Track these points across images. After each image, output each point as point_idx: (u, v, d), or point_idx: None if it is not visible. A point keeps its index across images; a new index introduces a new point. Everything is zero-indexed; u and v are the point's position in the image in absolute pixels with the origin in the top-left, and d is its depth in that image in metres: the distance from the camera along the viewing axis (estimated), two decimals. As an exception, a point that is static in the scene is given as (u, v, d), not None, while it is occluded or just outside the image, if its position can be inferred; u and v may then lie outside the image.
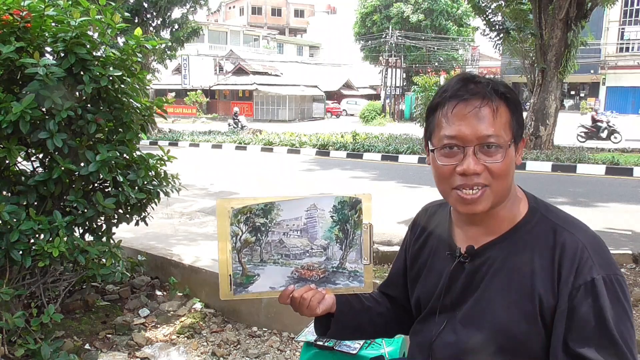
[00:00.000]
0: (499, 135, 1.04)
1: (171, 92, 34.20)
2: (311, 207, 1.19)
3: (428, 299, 1.21)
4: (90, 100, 2.61)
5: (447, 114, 1.06)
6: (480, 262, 1.12)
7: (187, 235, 5.50)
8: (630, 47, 37.91)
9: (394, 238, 5.21)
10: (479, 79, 1.08)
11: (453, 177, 1.06)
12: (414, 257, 1.30)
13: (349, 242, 1.20)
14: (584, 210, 7.06)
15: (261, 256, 1.19)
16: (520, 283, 1.05)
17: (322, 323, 1.30)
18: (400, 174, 10.82)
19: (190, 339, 3.10)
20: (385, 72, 35.80)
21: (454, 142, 1.05)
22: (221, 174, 10.66)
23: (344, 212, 1.19)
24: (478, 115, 1.03)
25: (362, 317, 1.31)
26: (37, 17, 2.39)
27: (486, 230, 1.13)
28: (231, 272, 1.19)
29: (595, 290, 0.98)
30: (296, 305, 1.20)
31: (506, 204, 1.11)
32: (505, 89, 1.08)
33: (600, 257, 1.02)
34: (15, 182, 2.51)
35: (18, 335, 2.48)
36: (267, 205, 1.18)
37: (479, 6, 14.53)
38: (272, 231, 1.18)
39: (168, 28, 19.93)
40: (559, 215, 1.11)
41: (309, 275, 1.21)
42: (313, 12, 64.31)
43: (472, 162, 1.03)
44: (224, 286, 1.20)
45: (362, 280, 1.22)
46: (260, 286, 1.20)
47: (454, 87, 1.07)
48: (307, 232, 1.19)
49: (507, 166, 1.04)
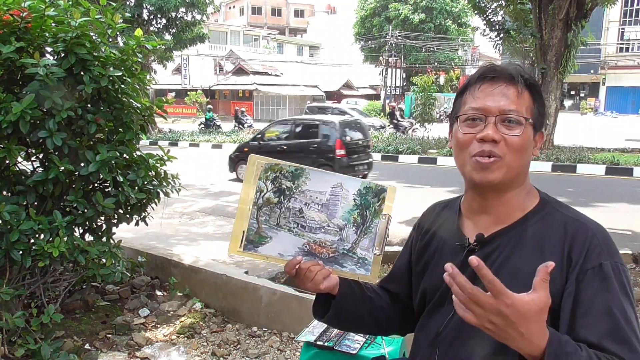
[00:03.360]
0: (520, 111, 1.09)
1: (171, 92, 34.16)
2: (337, 185, 1.20)
3: (435, 292, 1.21)
4: (90, 101, 2.61)
5: (474, 91, 1.13)
6: (490, 249, 1.13)
7: (187, 235, 5.50)
8: (630, 47, 37.94)
9: (394, 238, 5.21)
10: (507, 65, 1.15)
11: (472, 145, 1.11)
12: (420, 252, 1.30)
13: (365, 228, 1.21)
14: (584, 210, 6.99)
15: (278, 220, 1.19)
16: (528, 272, 1.06)
17: (322, 305, 1.29)
18: (400, 174, 10.82)
19: (190, 339, 3.10)
20: (385, 72, 35.81)
21: (477, 113, 1.11)
22: (221, 174, 10.66)
23: (367, 198, 1.21)
24: (503, 92, 1.10)
25: (363, 306, 1.31)
26: (37, 18, 2.39)
27: (497, 219, 1.15)
28: (245, 228, 1.18)
29: (603, 274, 1.00)
30: (301, 276, 1.19)
31: (519, 192, 1.14)
32: (531, 78, 1.14)
33: (609, 246, 1.05)
34: (15, 182, 2.51)
35: (18, 335, 2.48)
36: (298, 170, 1.19)
37: (479, 6, 14.53)
38: (295, 198, 1.19)
39: (172, 29, 19.98)
40: (570, 210, 1.14)
41: (319, 251, 1.21)
42: (313, 12, 64.29)
43: (492, 131, 1.08)
44: (235, 241, 1.19)
45: (369, 269, 1.23)
46: (270, 249, 1.20)
47: (483, 70, 1.15)
48: (327, 209, 1.20)
49: (523, 142, 1.09)
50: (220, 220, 6.28)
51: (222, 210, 6.95)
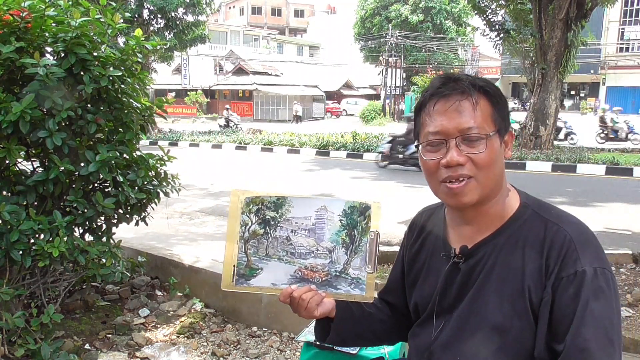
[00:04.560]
0: (481, 126, 1.06)
1: (171, 92, 34.17)
2: (321, 209, 1.20)
3: (426, 304, 1.21)
4: (90, 101, 2.61)
5: (429, 112, 1.10)
6: (474, 261, 1.12)
7: (187, 235, 5.49)
8: (630, 47, 37.92)
9: (393, 238, 5.20)
10: (458, 77, 1.11)
11: (439, 171, 1.08)
12: (410, 261, 1.30)
13: (354, 247, 1.21)
14: (584, 210, 7.05)
15: (267, 250, 1.20)
16: (512, 279, 1.06)
17: (323, 328, 1.30)
18: (401, 174, 10.81)
19: (190, 339, 3.10)
20: (385, 72, 35.80)
21: (437, 137, 1.08)
22: (221, 174, 10.66)
23: (352, 217, 1.20)
24: (458, 109, 1.06)
25: (362, 325, 1.30)
26: (37, 18, 2.39)
27: (479, 229, 1.13)
28: (235, 263, 1.20)
29: (577, 282, 0.98)
30: (295, 305, 1.19)
31: (497, 200, 1.12)
32: (485, 83, 1.10)
33: (587, 250, 1.02)
34: (15, 182, 2.50)
35: (18, 335, 2.48)
36: (279, 200, 1.19)
37: (479, 6, 14.53)
38: (280, 226, 1.20)
39: (173, 30, 19.99)
40: (551, 211, 1.11)
41: (312, 276, 1.21)
42: (313, 12, 64.29)
43: (455, 154, 1.05)
44: (227, 276, 1.21)
45: (364, 288, 1.21)
46: (262, 280, 1.21)
47: (434, 86, 1.11)
48: (314, 233, 1.20)
49: (490, 157, 1.06)
50: (220, 220, 6.27)
51: (222, 210, 6.94)
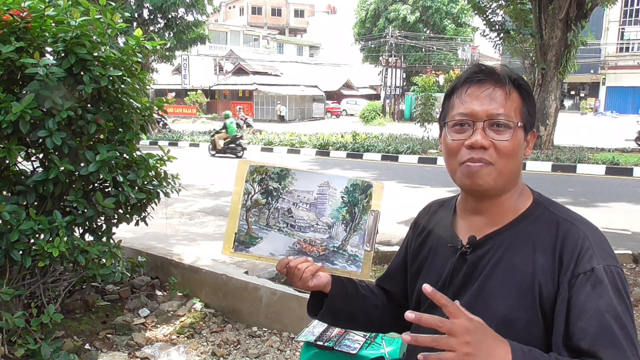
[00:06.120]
0: (509, 115, 1.08)
1: (171, 92, 34.18)
2: (324, 184, 1.22)
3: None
4: (91, 101, 2.61)
5: (461, 95, 1.11)
6: (482, 252, 1.12)
7: (187, 235, 5.50)
8: (630, 47, 37.94)
9: (393, 238, 5.21)
10: (495, 67, 1.13)
11: (461, 152, 1.09)
12: (415, 252, 1.30)
13: (354, 225, 1.22)
14: (584, 210, 7.05)
15: (267, 220, 1.22)
16: (521, 273, 1.06)
17: (316, 303, 1.30)
18: (400, 174, 10.82)
19: (190, 339, 3.10)
20: (385, 72, 35.79)
21: (465, 119, 1.09)
22: (221, 174, 10.66)
23: (354, 195, 1.22)
24: (491, 95, 1.08)
25: (355, 305, 1.31)
26: (37, 18, 2.39)
27: (490, 221, 1.14)
28: (236, 229, 1.22)
29: (595, 279, 0.98)
30: (290, 274, 1.21)
31: (512, 194, 1.13)
32: (519, 77, 1.12)
33: (601, 249, 1.03)
34: (15, 182, 2.51)
35: (18, 335, 2.48)
36: (283, 171, 1.21)
37: (479, 6, 14.54)
38: (282, 198, 1.21)
39: (173, 30, 19.99)
40: (562, 210, 1.12)
41: (310, 250, 1.23)
42: (313, 12, 64.26)
43: (480, 136, 1.07)
44: (228, 242, 1.23)
45: (360, 265, 1.23)
46: (261, 249, 1.23)
47: (469, 72, 1.13)
48: (315, 207, 1.22)
49: (513, 147, 1.07)
50: (220, 220, 6.28)
51: (222, 210, 6.95)
